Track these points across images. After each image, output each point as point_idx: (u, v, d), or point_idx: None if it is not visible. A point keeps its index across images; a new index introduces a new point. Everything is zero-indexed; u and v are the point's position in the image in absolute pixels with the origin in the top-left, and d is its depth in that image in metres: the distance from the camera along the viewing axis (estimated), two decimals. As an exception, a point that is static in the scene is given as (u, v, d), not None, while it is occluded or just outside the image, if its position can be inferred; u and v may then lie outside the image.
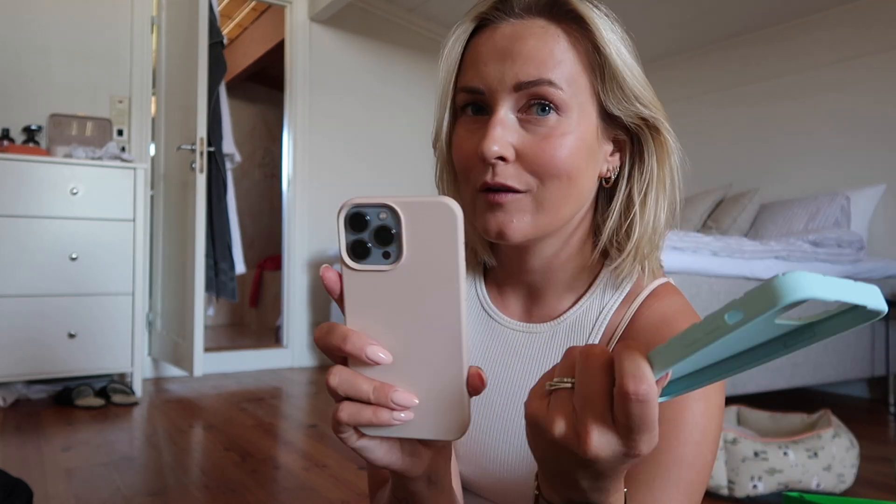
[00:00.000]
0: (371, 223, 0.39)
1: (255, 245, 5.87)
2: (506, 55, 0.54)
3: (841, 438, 1.63)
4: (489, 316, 0.66)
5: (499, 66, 0.54)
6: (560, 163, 0.54)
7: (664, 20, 3.43)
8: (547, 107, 0.54)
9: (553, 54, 0.54)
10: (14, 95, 2.89)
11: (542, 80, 0.53)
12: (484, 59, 0.55)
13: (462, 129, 0.58)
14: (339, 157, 3.80)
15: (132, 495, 1.56)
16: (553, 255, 0.61)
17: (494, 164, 0.53)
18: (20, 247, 2.49)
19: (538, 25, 0.55)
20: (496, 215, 0.55)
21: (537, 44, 0.54)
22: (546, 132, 0.54)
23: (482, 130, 0.55)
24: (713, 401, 0.54)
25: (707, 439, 0.53)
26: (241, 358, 3.51)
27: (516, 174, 0.54)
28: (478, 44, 0.57)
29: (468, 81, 0.56)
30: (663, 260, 0.68)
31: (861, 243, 2.60)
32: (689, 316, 0.59)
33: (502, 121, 0.54)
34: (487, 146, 0.52)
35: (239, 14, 5.08)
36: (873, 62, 3.00)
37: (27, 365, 2.49)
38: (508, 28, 0.55)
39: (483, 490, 0.67)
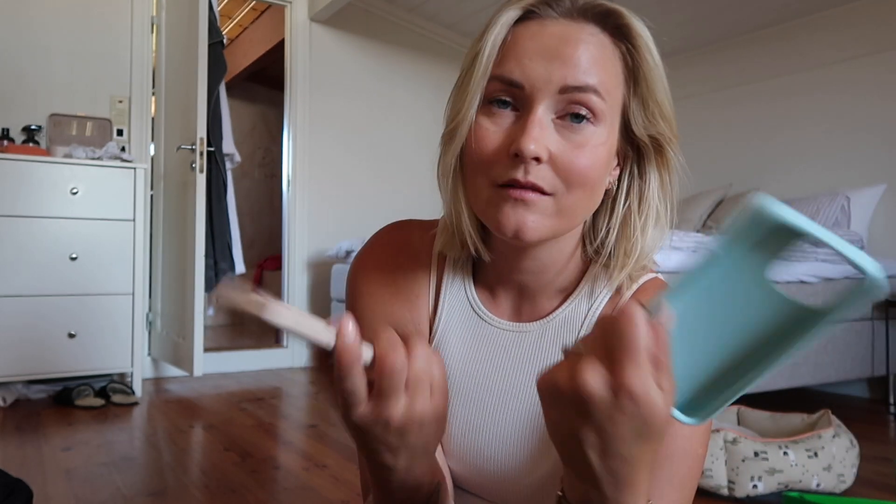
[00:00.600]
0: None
1: (255, 245, 5.87)
2: (555, 55, 0.52)
3: (841, 438, 1.63)
4: (479, 317, 0.66)
5: (545, 65, 0.52)
6: (589, 172, 0.53)
7: (664, 20, 3.43)
8: (583, 115, 0.53)
9: (601, 65, 0.53)
10: (14, 95, 2.89)
11: (588, 87, 0.52)
12: (529, 54, 0.53)
13: (486, 121, 0.55)
14: (339, 156, 3.80)
15: (132, 495, 1.56)
16: (548, 257, 0.61)
17: (528, 163, 0.52)
18: (20, 247, 2.49)
19: (588, 32, 0.54)
20: (517, 212, 0.53)
21: (588, 50, 0.53)
22: (581, 140, 0.53)
23: (511, 127, 0.54)
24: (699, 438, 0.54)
25: (697, 433, 0.53)
26: (241, 358, 3.51)
27: (547, 176, 0.53)
28: (522, 36, 0.54)
29: (508, 72, 0.54)
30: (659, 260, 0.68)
31: (861, 243, 2.60)
32: None
33: (541, 121, 0.52)
34: (526, 144, 0.51)
35: (239, 14, 5.08)
36: (873, 62, 3.00)
37: (27, 365, 2.49)
38: (558, 28, 0.54)
39: (476, 488, 0.67)
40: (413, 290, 0.67)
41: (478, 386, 0.65)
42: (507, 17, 0.55)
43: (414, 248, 0.68)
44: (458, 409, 0.66)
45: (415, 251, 0.68)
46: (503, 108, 0.54)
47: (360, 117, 3.85)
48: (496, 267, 0.64)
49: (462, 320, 0.67)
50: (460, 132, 0.57)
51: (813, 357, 2.43)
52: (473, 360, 0.66)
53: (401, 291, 0.67)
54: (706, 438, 0.55)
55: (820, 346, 2.45)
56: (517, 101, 0.54)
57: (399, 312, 0.67)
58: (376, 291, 0.68)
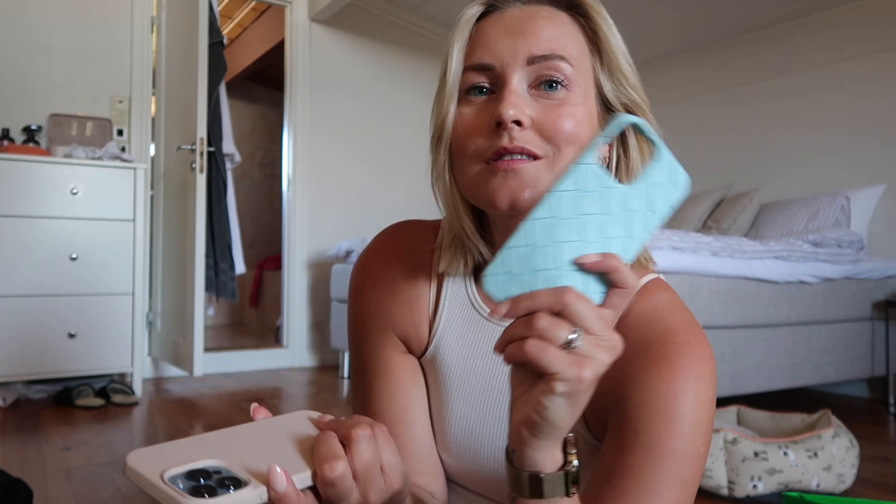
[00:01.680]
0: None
1: (255, 245, 5.87)
2: (517, 32, 0.55)
3: (841, 438, 1.63)
4: (479, 314, 0.67)
5: (510, 42, 0.55)
6: (575, 129, 0.55)
7: (664, 20, 3.43)
8: (556, 82, 0.55)
9: (564, 36, 0.56)
10: (14, 95, 2.89)
11: (554, 55, 0.55)
12: (494, 38, 0.56)
13: (466, 109, 0.57)
14: (339, 156, 3.80)
15: (132, 495, 1.56)
16: None
17: (510, 129, 0.53)
18: (20, 247, 2.49)
19: (546, 10, 0.57)
20: (508, 184, 0.54)
21: (549, 24, 0.56)
22: (558, 103, 0.55)
23: (490, 107, 0.56)
24: (704, 393, 0.55)
25: (698, 431, 0.54)
26: (241, 358, 3.51)
27: (534, 140, 0.54)
28: (486, 26, 0.58)
29: (478, 59, 0.56)
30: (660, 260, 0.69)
31: (861, 243, 2.59)
32: (679, 309, 0.59)
33: (516, 91, 0.54)
34: (505, 110, 0.53)
35: (239, 14, 5.08)
36: (873, 62, 3.00)
37: (27, 365, 2.49)
38: (518, 11, 0.57)
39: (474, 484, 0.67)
40: (413, 289, 0.68)
41: (479, 383, 0.65)
42: (470, 14, 0.58)
43: (415, 249, 0.69)
44: (458, 407, 0.66)
45: (416, 251, 0.69)
46: (480, 95, 0.57)
47: (360, 117, 3.85)
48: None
49: (463, 318, 0.67)
50: (446, 130, 0.59)
51: (813, 357, 2.43)
52: (474, 358, 0.66)
53: (401, 292, 0.68)
54: (708, 438, 0.55)
55: (820, 346, 2.45)
56: (492, 83, 0.56)
57: (398, 313, 0.68)
58: (376, 293, 0.69)
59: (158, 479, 0.39)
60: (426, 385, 0.70)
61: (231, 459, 0.43)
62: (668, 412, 0.53)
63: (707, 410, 0.55)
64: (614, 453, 0.54)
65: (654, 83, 3.98)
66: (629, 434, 0.54)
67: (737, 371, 2.17)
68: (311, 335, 3.67)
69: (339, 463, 0.43)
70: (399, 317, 0.68)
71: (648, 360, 0.55)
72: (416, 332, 0.68)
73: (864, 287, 2.64)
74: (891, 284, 2.76)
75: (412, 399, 0.68)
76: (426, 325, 0.68)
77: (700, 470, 0.55)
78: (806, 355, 2.40)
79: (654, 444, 0.52)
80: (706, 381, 0.55)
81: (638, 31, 3.62)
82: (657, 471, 0.52)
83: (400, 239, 0.71)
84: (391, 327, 0.68)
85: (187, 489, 0.39)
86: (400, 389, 0.68)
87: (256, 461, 0.43)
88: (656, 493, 0.52)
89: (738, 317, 2.19)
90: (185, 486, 0.40)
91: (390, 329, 0.68)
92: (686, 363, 0.54)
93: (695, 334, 0.57)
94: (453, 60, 0.58)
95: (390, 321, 0.68)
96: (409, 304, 0.68)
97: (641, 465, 0.52)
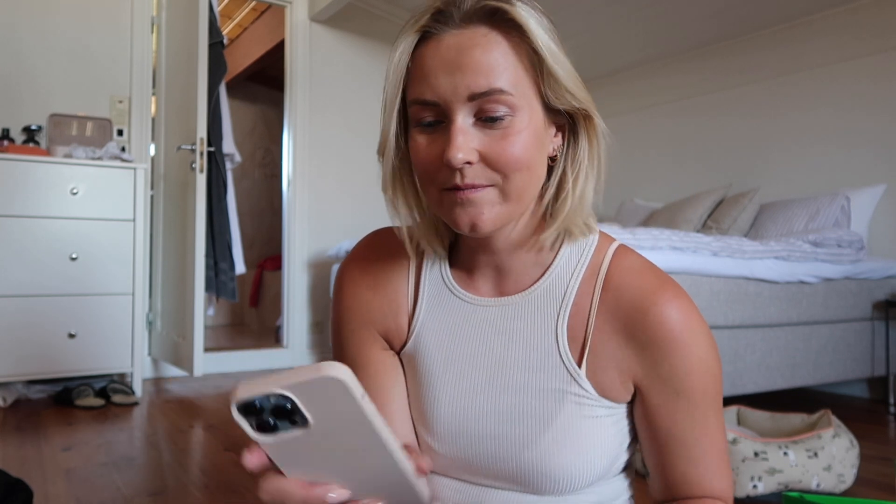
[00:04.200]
0: (265, 407, 0.42)
1: (255, 245, 5.87)
2: (454, 67, 0.57)
3: (841, 438, 1.63)
4: (457, 297, 0.70)
5: (450, 79, 0.57)
6: (519, 157, 0.58)
7: (663, 21, 3.43)
8: (497, 116, 0.58)
9: (499, 62, 0.57)
10: (14, 95, 2.89)
11: (493, 90, 0.57)
12: (434, 73, 0.58)
13: (420, 138, 0.61)
14: (339, 157, 3.80)
15: (132, 495, 1.56)
16: (515, 236, 0.66)
17: (462, 169, 0.58)
18: (20, 247, 2.49)
19: (480, 34, 0.58)
20: (467, 210, 0.59)
21: (483, 54, 0.57)
22: (502, 133, 0.58)
23: (441, 138, 0.59)
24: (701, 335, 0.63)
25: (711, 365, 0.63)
26: (241, 358, 3.51)
27: (482, 173, 0.58)
28: (424, 56, 0.59)
29: (420, 94, 0.59)
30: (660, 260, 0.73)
31: (861, 243, 2.59)
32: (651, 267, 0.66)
33: (462, 129, 0.57)
34: (453, 154, 0.56)
35: (239, 14, 5.08)
36: (874, 62, 3.00)
37: (27, 365, 2.49)
38: (452, 39, 0.58)
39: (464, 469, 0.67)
40: (392, 283, 0.72)
41: (466, 364, 0.67)
42: (406, 44, 0.60)
43: (395, 246, 0.73)
44: (446, 391, 0.67)
45: (396, 248, 0.73)
46: (430, 127, 0.60)
47: (360, 117, 3.85)
48: (472, 252, 0.69)
49: (441, 304, 0.70)
50: (388, 151, 0.64)
51: (813, 357, 2.43)
52: (458, 340, 0.68)
53: (380, 286, 0.72)
54: (717, 357, 0.64)
55: (820, 346, 2.45)
56: (438, 114, 0.59)
57: (378, 308, 0.71)
58: (356, 289, 0.72)
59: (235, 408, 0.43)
60: (406, 378, 0.72)
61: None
62: (690, 368, 0.62)
63: (709, 343, 0.63)
64: (664, 415, 0.64)
65: (654, 83, 3.98)
66: (671, 396, 0.63)
67: (737, 371, 2.17)
68: (311, 335, 3.67)
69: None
70: (378, 311, 0.71)
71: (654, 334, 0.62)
72: (396, 324, 0.71)
73: (864, 287, 2.64)
74: (891, 284, 2.76)
75: (392, 396, 0.70)
76: (406, 316, 0.71)
77: (721, 383, 0.65)
78: (806, 355, 2.40)
79: (691, 393, 0.63)
80: (697, 323, 0.63)
81: (638, 32, 3.62)
82: (700, 410, 0.63)
83: (380, 241, 0.75)
84: (371, 323, 0.71)
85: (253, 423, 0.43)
86: (379, 386, 0.70)
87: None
88: (705, 426, 0.64)
89: (738, 317, 2.19)
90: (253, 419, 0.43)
91: (370, 325, 0.71)
92: (680, 322, 0.62)
93: (672, 291, 0.63)
94: (390, 91, 0.61)
95: (369, 317, 0.71)
96: (388, 297, 0.71)
97: (689, 415, 0.63)
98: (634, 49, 3.85)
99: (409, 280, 0.72)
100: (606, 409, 0.64)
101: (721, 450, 0.66)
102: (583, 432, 0.63)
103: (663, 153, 3.92)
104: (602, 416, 0.64)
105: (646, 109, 4.04)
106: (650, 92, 4.01)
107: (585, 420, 0.63)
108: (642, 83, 4.05)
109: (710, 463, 0.65)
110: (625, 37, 3.70)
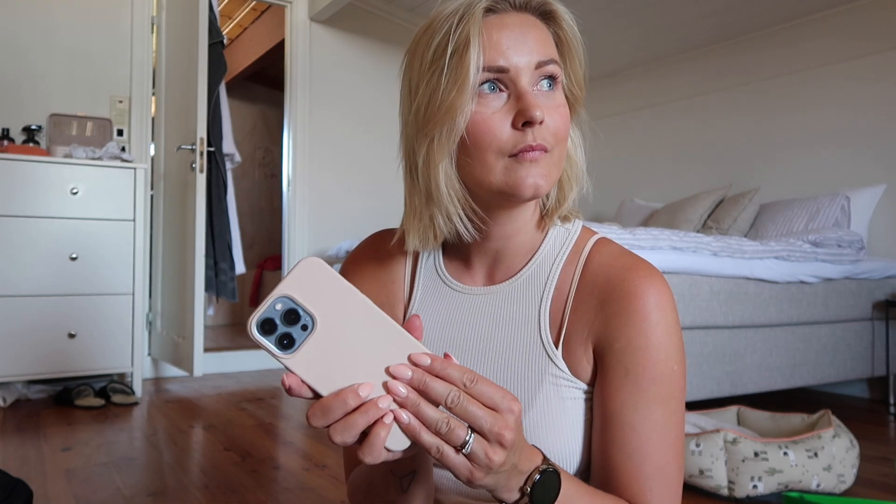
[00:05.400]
0: (275, 318, 0.46)
1: (255, 245, 5.86)
2: (523, 41, 0.63)
3: (841, 438, 1.63)
4: (449, 287, 0.74)
5: (519, 49, 0.62)
6: (566, 127, 0.65)
7: (664, 20, 3.43)
8: (551, 82, 0.64)
9: (548, 42, 0.65)
10: (14, 95, 2.89)
11: (551, 60, 0.63)
12: (506, 43, 0.62)
13: (481, 107, 0.62)
14: (339, 156, 3.80)
15: (132, 495, 1.56)
16: (521, 218, 0.70)
17: (535, 128, 0.62)
18: (20, 247, 2.49)
19: (533, 21, 0.65)
20: (531, 173, 0.62)
21: (539, 34, 0.64)
22: (555, 103, 0.64)
23: (506, 105, 0.62)
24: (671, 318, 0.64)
25: (672, 354, 0.63)
26: (241, 358, 3.51)
27: (546, 136, 0.63)
28: (491, 28, 0.63)
29: (493, 61, 0.62)
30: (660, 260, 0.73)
31: (861, 243, 2.59)
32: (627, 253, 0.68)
33: (532, 92, 0.62)
34: (534, 111, 0.60)
35: (239, 14, 5.08)
36: (874, 62, 3.00)
37: (27, 365, 2.49)
38: (513, 19, 0.63)
39: None
40: (390, 276, 0.77)
41: (455, 350, 0.71)
42: (478, 13, 0.63)
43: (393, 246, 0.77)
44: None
45: (395, 246, 0.77)
46: (492, 92, 0.62)
47: (360, 117, 3.85)
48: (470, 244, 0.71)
49: (434, 294, 0.74)
50: (456, 122, 0.62)
51: (813, 357, 2.43)
52: (448, 328, 0.72)
53: (379, 279, 0.77)
54: (682, 358, 0.64)
55: (820, 346, 2.45)
56: (502, 82, 0.63)
57: (376, 296, 0.76)
58: (355, 281, 0.77)
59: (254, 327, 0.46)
60: None
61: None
62: (646, 346, 0.62)
63: (675, 333, 0.64)
64: (609, 395, 0.63)
65: (655, 83, 3.98)
66: (620, 373, 0.63)
67: (737, 371, 2.17)
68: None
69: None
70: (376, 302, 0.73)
71: (621, 304, 0.64)
72: (393, 314, 0.74)
73: (864, 287, 2.64)
74: (891, 284, 2.76)
75: None
76: (402, 307, 0.75)
77: (682, 391, 0.64)
78: (806, 355, 2.40)
79: (638, 375, 0.62)
80: (670, 307, 0.64)
81: (639, 32, 3.62)
82: (644, 397, 0.62)
83: (378, 238, 0.80)
84: None
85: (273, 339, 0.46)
86: None
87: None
88: (646, 415, 0.62)
89: (738, 317, 2.19)
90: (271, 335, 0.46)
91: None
92: (650, 297, 0.63)
93: (648, 269, 0.65)
94: (473, 59, 0.61)
95: None
96: (386, 289, 0.76)
97: (633, 398, 0.62)
98: (634, 49, 3.85)
99: (406, 273, 0.76)
100: (582, 391, 0.66)
101: (663, 460, 0.62)
102: (561, 414, 0.65)
103: (663, 153, 3.92)
104: (579, 399, 0.66)
105: (646, 109, 4.04)
106: (650, 92, 4.01)
107: (564, 402, 0.65)
108: (642, 83, 4.05)
109: (645, 462, 0.62)
110: (625, 37, 3.70)
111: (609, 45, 3.82)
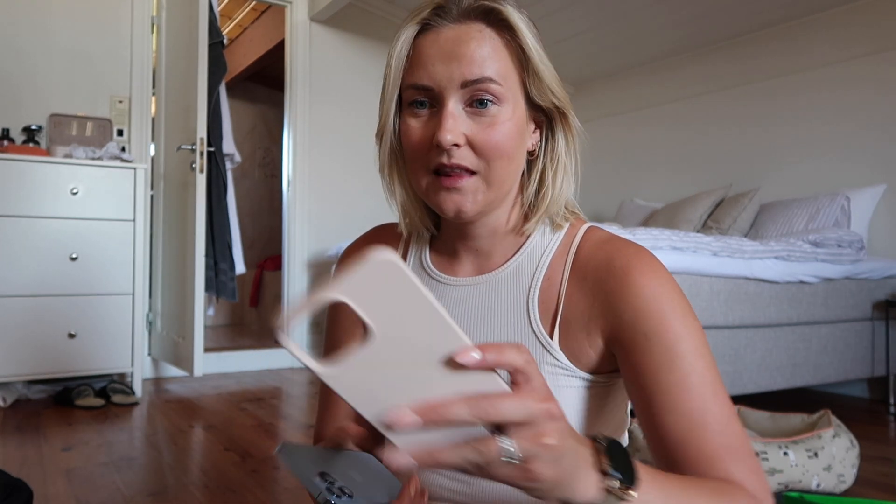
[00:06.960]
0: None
1: (255, 245, 5.86)
2: (451, 57, 0.62)
3: (841, 438, 1.63)
4: (434, 280, 0.74)
5: (446, 67, 0.62)
6: (502, 146, 0.63)
7: (665, 20, 3.43)
8: (486, 100, 0.62)
9: (491, 55, 0.63)
10: (14, 95, 2.89)
11: (484, 78, 0.62)
12: (432, 61, 0.63)
13: (412, 121, 0.65)
14: (339, 157, 3.80)
15: (132, 495, 1.56)
16: (493, 222, 0.70)
17: (450, 150, 0.62)
18: (20, 247, 2.49)
19: (476, 29, 0.63)
20: (452, 197, 0.64)
21: (477, 46, 0.62)
22: (489, 121, 0.63)
23: (433, 121, 0.63)
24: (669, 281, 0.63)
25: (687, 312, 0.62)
26: (241, 358, 3.51)
27: (468, 157, 0.63)
28: (423, 46, 0.64)
29: (418, 80, 0.63)
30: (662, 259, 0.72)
31: (861, 243, 2.59)
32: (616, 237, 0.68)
33: (453, 113, 0.62)
34: (443, 135, 0.61)
35: (239, 14, 5.08)
36: (873, 61, 3.00)
37: (27, 365, 2.49)
38: (451, 32, 0.63)
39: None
40: None
41: None
42: (408, 34, 0.65)
43: (385, 236, 0.80)
44: None
45: (385, 238, 0.80)
46: (421, 109, 0.65)
47: (360, 117, 3.85)
48: (454, 236, 0.73)
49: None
50: (386, 134, 0.69)
51: (813, 357, 2.43)
52: None
53: None
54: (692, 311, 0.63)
55: (820, 346, 2.45)
56: (431, 100, 0.64)
57: None
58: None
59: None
60: None
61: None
62: (657, 307, 0.61)
63: (681, 295, 0.63)
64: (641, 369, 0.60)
65: (655, 83, 3.98)
66: (641, 341, 0.61)
67: (737, 371, 2.17)
68: (311, 335, 3.67)
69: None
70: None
71: (618, 280, 0.63)
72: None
73: (864, 287, 2.64)
74: (891, 284, 2.76)
75: None
76: None
77: (704, 337, 0.62)
78: (806, 355, 2.40)
79: (663, 335, 0.60)
80: (667, 275, 0.64)
81: (639, 32, 3.62)
82: (678, 355, 0.59)
83: (373, 233, 0.82)
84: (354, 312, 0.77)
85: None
86: None
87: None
88: (689, 372, 0.59)
89: (738, 317, 2.19)
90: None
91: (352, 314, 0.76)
92: (644, 267, 0.63)
93: (636, 247, 0.65)
94: (391, 78, 0.66)
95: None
96: None
97: (666, 358, 0.59)
98: (635, 49, 3.85)
99: None
100: (581, 379, 0.65)
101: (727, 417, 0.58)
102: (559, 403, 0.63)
103: (664, 153, 3.92)
104: (578, 388, 0.65)
105: (646, 110, 4.04)
106: (651, 92, 4.00)
107: (561, 391, 0.65)
108: (643, 83, 4.05)
109: (710, 419, 0.57)
110: (625, 37, 3.70)
111: (609, 46, 3.82)
